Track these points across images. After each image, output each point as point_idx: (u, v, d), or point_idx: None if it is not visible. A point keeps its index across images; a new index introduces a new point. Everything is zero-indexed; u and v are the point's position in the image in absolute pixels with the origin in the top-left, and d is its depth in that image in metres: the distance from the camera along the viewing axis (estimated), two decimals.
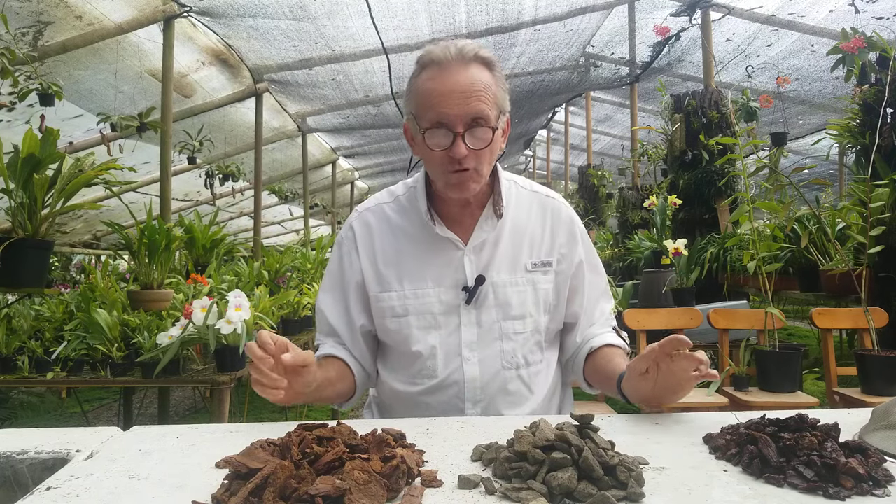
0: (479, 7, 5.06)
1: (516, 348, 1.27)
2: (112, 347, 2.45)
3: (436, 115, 1.15)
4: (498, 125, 1.19)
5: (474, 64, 1.16)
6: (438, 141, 1.16)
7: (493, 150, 1.20)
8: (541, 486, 0.73)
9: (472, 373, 1.25)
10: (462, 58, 1.16)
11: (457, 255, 1.28)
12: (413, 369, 1.28)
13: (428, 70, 1.17)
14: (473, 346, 1.26)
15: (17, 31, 3.46)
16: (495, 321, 1.26)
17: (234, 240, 5.72)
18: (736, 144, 2.63)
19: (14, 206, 2.26)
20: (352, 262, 1.32)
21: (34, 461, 0.92)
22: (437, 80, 1.15)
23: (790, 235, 3.38)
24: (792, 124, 7.00)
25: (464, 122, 1.14)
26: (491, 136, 1.16)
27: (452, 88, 1.14)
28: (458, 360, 1.25)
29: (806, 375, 3.58)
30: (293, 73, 5.69)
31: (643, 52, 6.72)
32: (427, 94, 1.16)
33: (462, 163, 1.15)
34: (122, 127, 4.33)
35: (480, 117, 1.14)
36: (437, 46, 1.17)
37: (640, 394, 1.10)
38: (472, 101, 1.13)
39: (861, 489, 0.74)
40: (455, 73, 1.14)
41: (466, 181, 1.18)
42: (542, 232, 1.32)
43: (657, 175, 6.32)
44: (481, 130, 1.15)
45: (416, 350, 1.26)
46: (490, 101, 1.16)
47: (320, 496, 0.68)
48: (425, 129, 1.16)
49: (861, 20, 4.89)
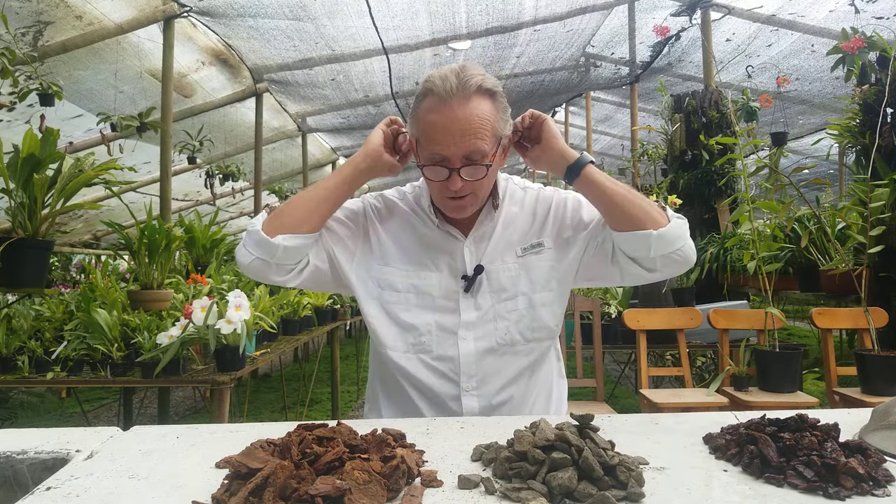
0: (479, 7, 5.06)
1: (510, 326, 1.31)
2: (112, 347, 2.45)
3: (433, 152, 1.21)
4: (497, 152, 1.25)
5: (475, 97, 1.20)
6: (436, 174, 1.23)
7: (491, 178, 1.27)
8: (541, 486, 0.73)
9: (467, 349, 1.29)
10: (463, 91, 1.18)
11: (458, 245, 1.34)
12: (406, 341, 1.31)
13: (429, 99, 1.21)
14: (470, 326, 1.30)
15: (17, 31, 3.47)
16: (491, 305, 1.31)
17: (234, 240, 5.72)
18: (736, 144, 2.63)
19: (14, 206, 2.27)
20: (367, 216, 1.40)
21: (34, 461, 0.92)
22: (437, 114, 1.19)
23: (790, 235, 3.38)
24: (792, 124, 7.00)
25: (460, 159, 1.20)
26: (486, 172, 1.22)
27: (449, 125, 1.18)
28: (454, 339, 1.29)
29: (806, 375, 3.58)
30: (293, 73, 5.69)
31: (643, 52, 6.71)
32: (427, 128, 1.21)
33: (459, 193, 1.23)
34: (122, 127, 4.34)
35: (477, 153, 1.19)
36: (441, 76, 1.20)
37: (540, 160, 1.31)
38: (468, 138, 1.18)
39: (861, 489, 0.74)
40: (454, 108, 1.18)
41: (464, 206, 1.27)
42: (532, 219, 1.38)
43: (657, 175, 6.32)
44: (476, 168, 1.21)
45: (410, 322, 1.31)
46: (488, 136, 1.20)
47: (320, 496, 0.68)
48: (424, 164, 1.24)
49: (861, 20, 4.89)
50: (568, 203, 1.39)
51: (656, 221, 1.22)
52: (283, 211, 1.27)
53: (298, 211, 1.27)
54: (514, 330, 1.31)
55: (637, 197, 1.24)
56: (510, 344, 1.30)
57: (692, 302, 3.47)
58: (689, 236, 1.28)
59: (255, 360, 2.81)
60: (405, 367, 1.30)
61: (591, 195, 1.27)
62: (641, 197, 1.25)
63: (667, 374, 3.73)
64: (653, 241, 1.22)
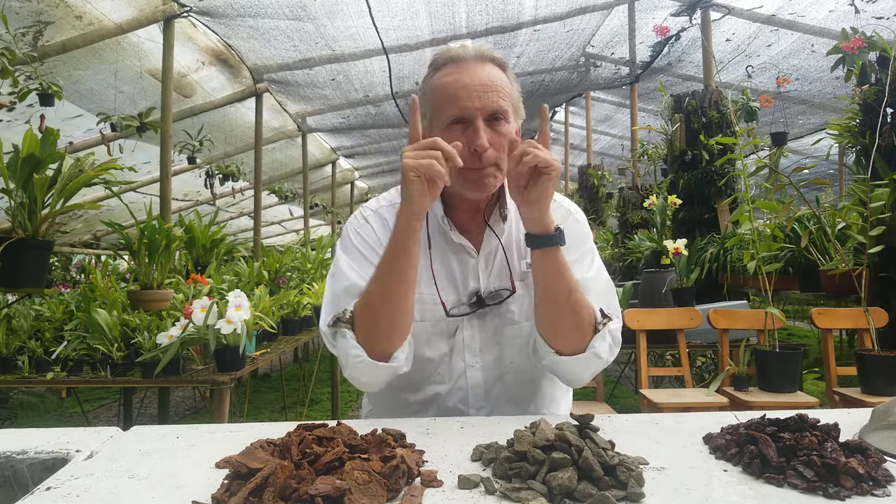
0: (479, 7, 5.06)
1: (514, 354, 1.24)
2: (112, 347, 2.45)
3: (456, 110, 1.13)
4: (516, 123, 1.18)
5: (490, 63, 1.17)
6: (450, 139, 1.10)
7: (512, 146, 1.13)
8: (541, 486, 0.73)
9: (476, 379, 1.24)
10: (480, 56, 1.17)
11: (470, 262, 1.25)
12: (421, 375, 1.24)
13: (445, 67, 1.17)
14: (476, 351, 1.24)
15: (17, 31, 3.46)
16: (497, 327, 1.24)
17: (234, 240, 5.72)
18: (736, 144, 2.63)
19: (14, 206, 2.26)
20: (379, 238, 1.23)
21: (34, 461, 0.92)
22: (456, 75, 1.15)
23: (790, 235, 3.38)
24: (792, 124, 7.00)
25: (484, 115, 1.12)
26: (510, 131, 1.15)
27: (472, 81, 1.13)
28: (462, 366, 1.24)
29: (806, 375, 3.58)
30: (293, 73, 5.69)
31: (643, 52, 6.71)
32: (445, 88, 1.14)
33: (483, 159, 1.12)
34: (122, 127, 4.33)
35: (500, 112, 1.13)
36: (452, 47, 1.19)
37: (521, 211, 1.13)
38: (491, 95, 1.13)
39: (861, 489, 0.74)
40: (473, 68, 1.15)
41: (485, 178, 1.15)
42: None
43: (657, 175, 6.32)
44: (501, 124, 1.14)
45: (427, 356, 1.23)
46: (507, 99, 1.15)
47: (320, 496, 0.68)
48: (445, 125, 1.14)
49: (861, 20, 4.89)
50: (570, 238, 1.20)
51: (571, 343, 1.13)
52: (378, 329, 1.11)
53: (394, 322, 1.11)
54: (519, 359, 1.24)
55: (577, 309, 1.11)
56: (516, 372, 1.25)
57: (692, 302, 3.47)
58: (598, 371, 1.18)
59: (255, 360, 2.81)
60: (416, 399, 1.27)
61: (542, 274, 1.13)
62: (584, 312, 1.12)
63: (667, 374, 3.73)
64: (550, 359, 1.16)
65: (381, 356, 1.11)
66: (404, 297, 1.12)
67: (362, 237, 1.24)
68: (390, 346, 1.12)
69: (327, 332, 1.18)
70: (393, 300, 1.11)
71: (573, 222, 1.28)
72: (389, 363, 1.12)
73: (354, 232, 1.26)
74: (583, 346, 1.13)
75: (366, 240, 1.24)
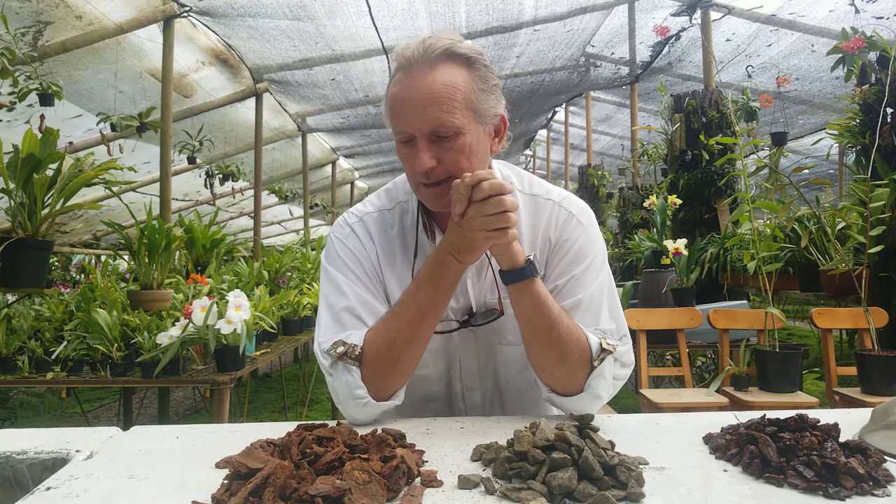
0: (478, 7, 5.06)
1: (510, 375, 1.21)
2: (112, 347, 2.45)
3: (397, 130, 1.06)
4: (474, 128, 1.05)
5: (441, 64, 1.03)
6: (404, 154, 1.07)
7: (473, 155, 1.05)
8: (541, 486, 0.73)
9: (474, 400, 1.22)
10: (426, 57, 1.03)
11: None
12: (417, 395, 1.20)
13: (396, 74, 1.07)
14: (473, 369, 1.20)
15: (17, 31, 3.46)
16: (491, 346, 1.18)
17: (233, 240, 5.73)
18: (736, 144, 2.63)
19: (14, 206, 2.27)
20: (367, 251, 1.17)
21: (34, 461, 0.92)
22: (400, 86, 1.05)
23: (790, 235, 3.38)
24: (792, 124, 7.00)
25: (426, 136, 1.03)
26: (464, 143, 1.04)
27: (410, 97, 1.03)
28: (460, 386, 1.21)
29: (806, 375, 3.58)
30: (293, 73, 5.70)
31: (643, 52, 6.72)
32: (391, 102, 1.06)
33: (429, 176, 1.04)
34: (121, 127, 4.34)
35: (444, 128, 1.02)
36: (405, 45, 1.06)
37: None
38: (430, 110, 1.01)
39: (861, 489, 0.74)
40: (416, 77, 1.03)
41: (439, 197, 1.06)
42: (532, 241, 1.17)
43: (657, 175, 6.32)
44: (450, 140, 1.03)
45: (424, 374, 1.18)
46: (458, 107, 1.02)
47: (320, 496, 0.68)
48: (397, 140, 1.08)
49: (861, 20, 4.89)
50: (572, 249, 1.15)
51: (560, 380, 1.06)
52: (395, 371, 1.06)
53: (413, 364, 1.07)
54: (516, 380, 1.21)
55: (560, 344, 1.03)
56: (516, 391, 1.23)
57: (692, 302, 3.47)
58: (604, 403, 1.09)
59: (254, 360, 2.81)
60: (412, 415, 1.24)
61: (519, 309, 1.06)
62: (570, 346, 1.04)
63: (667, 374, 3.73)
64: (548, 397, 1.10)
65: (385, 397, 1.06)
66: (429, 339, 1.07)
67: (350, 250, 1.17)
68: (400, 385, 1.08)
69: (324, 359, 1.08)
70: (421, 343, 1.06)
71: (575, 228, 1.16)
72: (390, 401, 1.07)
73: (341, 243, 1.18)
74: (576, 384, 1.05)
75: (355, 254, 1.16)
